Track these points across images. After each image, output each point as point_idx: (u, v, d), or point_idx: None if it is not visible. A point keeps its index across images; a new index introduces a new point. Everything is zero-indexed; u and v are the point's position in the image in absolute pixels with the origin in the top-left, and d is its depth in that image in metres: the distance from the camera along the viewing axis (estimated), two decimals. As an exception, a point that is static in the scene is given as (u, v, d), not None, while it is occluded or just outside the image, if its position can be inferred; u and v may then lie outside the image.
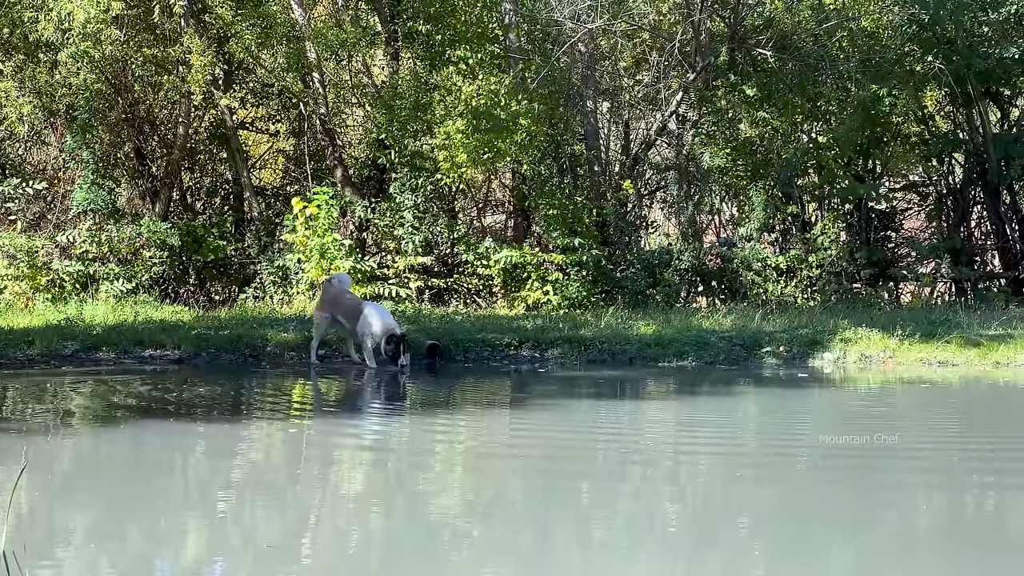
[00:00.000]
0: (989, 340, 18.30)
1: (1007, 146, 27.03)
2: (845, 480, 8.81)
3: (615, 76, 30.24)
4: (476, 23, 25.58)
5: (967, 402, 14.74)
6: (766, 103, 26.78)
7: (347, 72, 27.93)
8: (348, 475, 9.04)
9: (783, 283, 25.58)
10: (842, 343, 18.34)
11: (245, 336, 17.84)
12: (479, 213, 31.23)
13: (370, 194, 26.37)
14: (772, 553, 6.70)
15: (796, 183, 27.25)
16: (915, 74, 26.20)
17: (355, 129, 29.92)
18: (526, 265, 24.68)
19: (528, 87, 24.58)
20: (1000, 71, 25.81)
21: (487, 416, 12.73)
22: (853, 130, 25.92)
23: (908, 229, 30.54)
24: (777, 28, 26.42)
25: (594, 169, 26.98)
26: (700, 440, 11.02)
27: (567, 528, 7.22)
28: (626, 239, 26.17)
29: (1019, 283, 26.88)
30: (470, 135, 23.54)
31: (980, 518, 7.59)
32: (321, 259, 23.44)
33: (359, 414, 12.50)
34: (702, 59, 26.53)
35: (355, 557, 6.63)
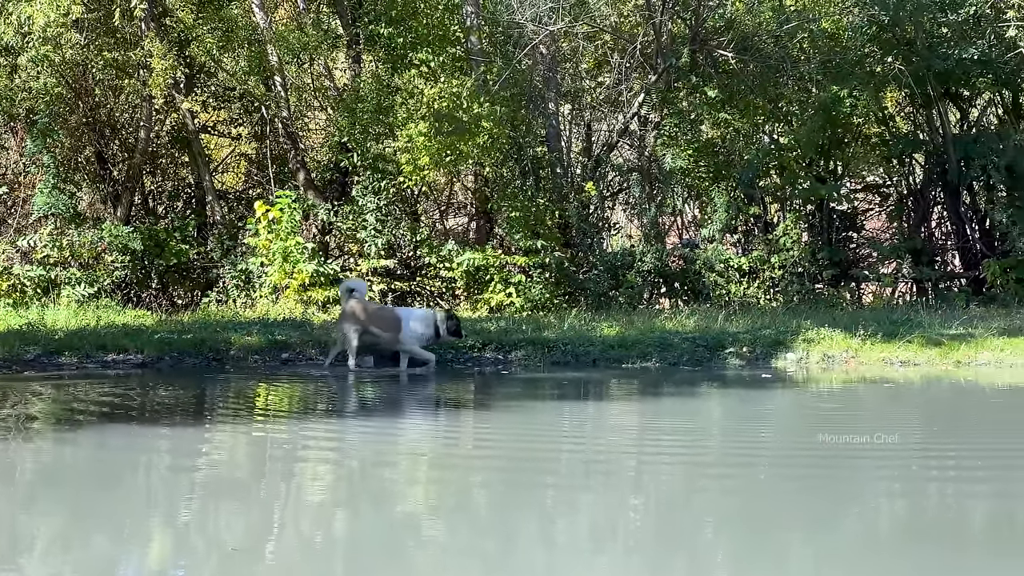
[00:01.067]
0: (950, 339, 18.38)
1: (967, 146, 27.15)
2: (809, 480, 8.83)
3: (577, 78, 30.28)
4: (438, 26, 25.59)
5: (929, 402, 14.82)
6: (727, 104, 26.84)
7: (309, 75, 27.91)
8: (312, 478, 9.03)
9: (746, 284, 25.67)
10: (805, 343, 18.40)
11: (208, 340, 17.81)
12: (442, 216, 31.25)
13: (333, 197, 26.37)
14: (737, 555, 6.72)
15: (758, 184, 27.33)
16: (875, 75, 26.31)
17: (317, 132, 29.92)
18: (489, 267, 24.70)
19: (490, 89, 24.59)
20: (959, 72, 25.92)
21: (451, 418, 12.75)
22: (814, 131, 26.00)
23: (869, 229, 30.66)
24: (738, 30, 26.49)
25: (556, 171, 26.99)
26: (664, 443, 11.04)
27: (531, 531, 7.22)
28: (589, 241, 26.19)
29: (980, 283, 27.00)
30: (432, 138, 23.56)
31: (940, 517, 7.63)
32: (284, 262, 23.46)
33: (322, 417, 12.48)
34: (663, 61, 26.58)
35: (320, 560, 6.63)
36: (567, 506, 7.93)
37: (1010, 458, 9.55)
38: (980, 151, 26.77)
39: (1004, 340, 18.17)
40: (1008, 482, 8.60)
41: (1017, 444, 10.52)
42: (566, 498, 8.21)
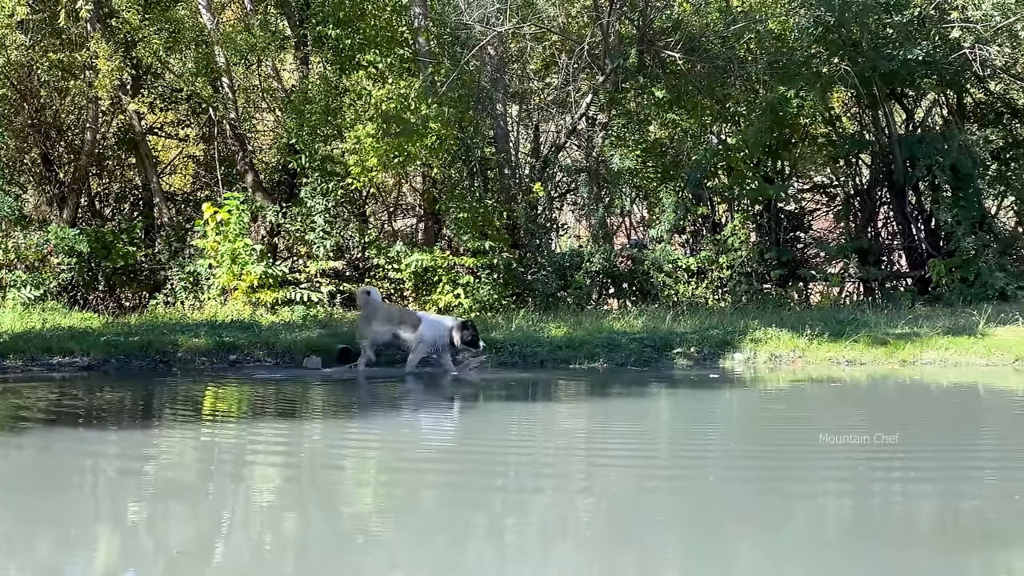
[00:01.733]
0: (896, 339, 18.52)
1: (912, 147, 27.32)
2: (757, 481, 8.87)
3: (525, 79, 30.28)
4: (385, 27, 25.57)
5: (876, 401, 14.90)
6: (675, 105, 26.90)
7: (257, 77, 27.87)
8: (260, 481, 9.01)
9: (694, 284, 25.75)
10: (752, 343, 18.50)
11: (155, 342, 17.75)
12: (390, 217, 31.21)
13: (281, 199, 26.32)
14: (687, 555, 6.75)
15: (706, 184, 27.42)
16: (822, 76, 26.42)
17: (265, 134, 29.84)
18: (437, 268, 24.69)
19: (438, 91, 24.57)
20: (904, 72, 26.05)
21: (399, 420, 12.74)
22: (762, 131, 26.09)
23: (817, 230, 30.82)
24: (685, 30, 26.56)
25: (504, 172, 27.00)
26: (613, 444, 11.07)
27: (481, 533, 7.23)
28: (536, 242, 26.22)
29: (925, 282, 27.17)
30: (380, 139, 23.54)
31: (888, 517, 7.68)
32: (232, 264, 23.40)
33: (269, 420, 12.45)
34: (611, 61, 26.61)
35: (268, 561, 6.62)
36: (517, 508, 7.94)
37: (956, 457, 9.63)
38: (925, 151, 26.94)
39: (949, 339, 18.33)
40: (954, 480, 8.66)
41: (962, 442, 10.60)
42: (515, 500, 8.21)
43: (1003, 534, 7.06)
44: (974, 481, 8.69)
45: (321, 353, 17.74)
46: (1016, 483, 8.63)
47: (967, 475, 8.92)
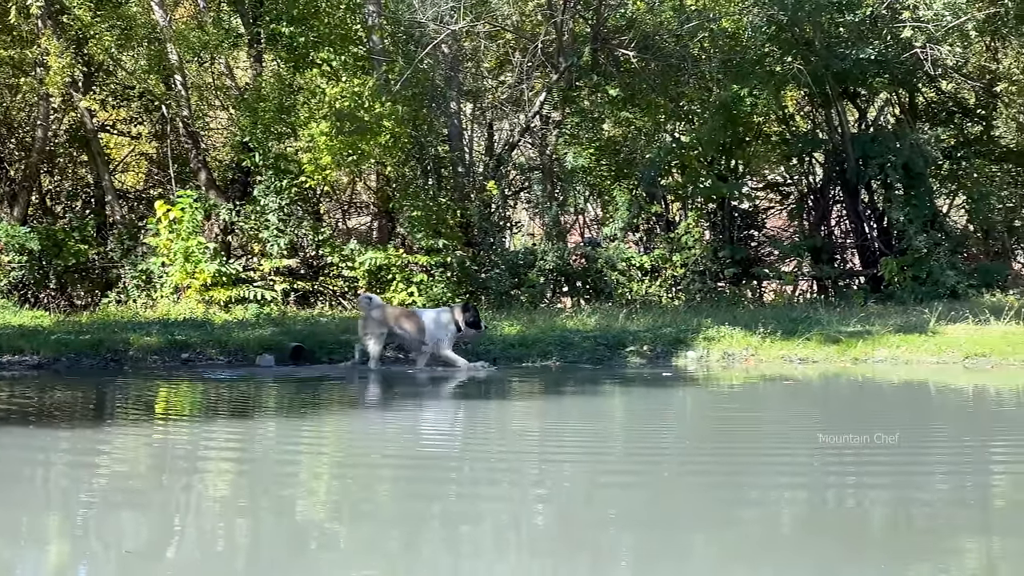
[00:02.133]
0: (848, 337, 18.61)
1: (864, 146, 27.44)
2: (711, 480, 8.89)
3: (478, 77, 30.28)
4: (339, 25, 25.55)
5: (828, 399, 14.96)
6: (629, 103, 27.00)
7: (210, 74, 27.77)
8: (213, 480, 8.97)
9: (647, 282, 25.80)
10: (705, 341, 18.56)
11: (106, 340, 17.67)
12: (344, 215, 31.20)
13: (235, 197, 26.25)
14: (640, 554, 6.76)
15: (660, 183, 27.50)
16: (775, 74, 26.50)
17: (219, 132, 29.77)
18: (391, 267, 24.68)
19: (392, 89, 24.55)
20: (857, 72, 26.18)
21: (353, 419, 12.71)
22: (715, 130, 26.18)
23: (770, 228, 30.95)
24: (639, 29, 26.60)
25: (458, 170, 27.01)
26: (566, 442, 11.06)
27: (435, 533, 7.21)
28: (490, 240, 26.23)
29: (878, 280, 27.29)
30: (334, 137, 23.52)
31: (840, 515, 7.70)
32: (185, 262, 23.35)
33: (221, 419, 12.40)
34: (565, 60, 26.65)
35: (221, 560, 6.59)
36: (470, 507, 7.93)
37: (908, 455, 9.66)
38: (878, 150, 27.07)
39: (900, 337, 18.44)
40: (907, 478, 8.69)
41: (914, 441, 10.64)
42: (469, 499, 8.20)
43: (954, 533, 7.09)
44: (926, 478, 8.73)
45: (274, 351, 17.69)
46: (967, 481, 8.67)
47: (919, 473, 8.95)
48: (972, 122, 30.76)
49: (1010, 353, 17.62)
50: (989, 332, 18.74)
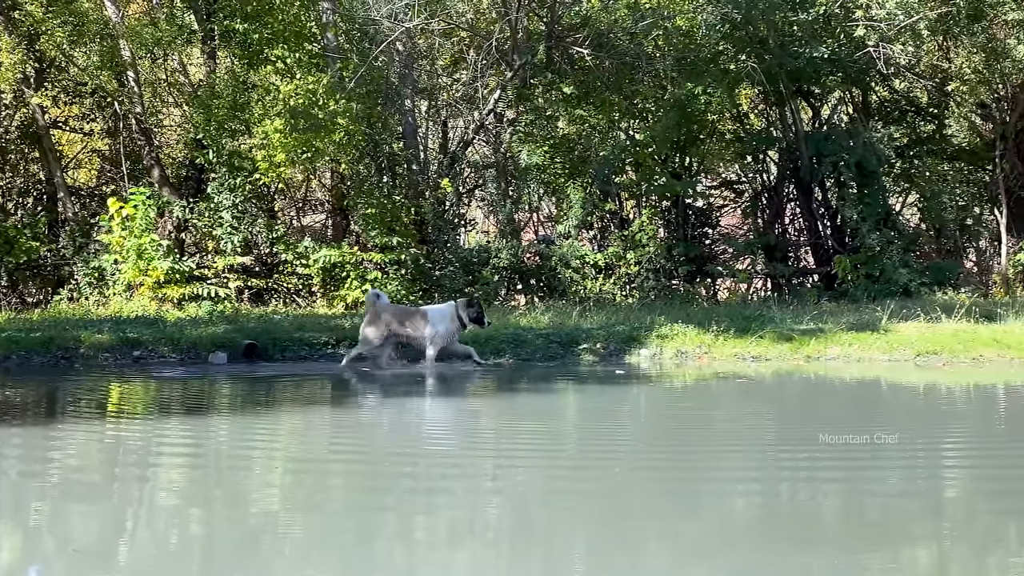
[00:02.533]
0: (801, 335, 18.65)
1: (818, 144, 27.53)
2: (663, 477, 8.90)
3: (433, 75, 30.24)
4: (294, 22, 25.49)
5: (781, 397, 15.00)
6: (583, 101, 27.00)
7: (163, 71, 27.66)
8: (166, 478, 8.94)
9: (601, 280, 25.85)
10: (658, 339, 18.57)
11: (57, 338, 17.58)
12: (298, 213, 31.13)
13: (188, 194, 26.16)
14: (593, 552, 6.76)
15: (614, 180, 27.52)
16: (729, 73, 26.54)
17: (172, 129, 29.63)
18: (345, 264, 24.66)
19: (346, 86, 24.51)
20: (810, 70, 26.27)
21: (306, 417, 12.68)
22: (669, 128, 26.22)
23: (724, 226, 31.02)
24: (594, 27, 26.60)
25: (412, 168, 26.99)
26: (519, 440, 11.07)
27: (389, 531, 7.21)
28: (444, 237, 26.22)
29: (831, 278, 27.37)
30: (288, 134, 23.46)
31: (793, 513, 7.72)
32: (138, 260, 23.27)
33: (175, 416, 12.35)
34: (519, 57, 26.63)
35: (174, 558, 6.56)
36: (424, 505, 7.93)
37: (860, 452, 9.70)
38: (831, 148, 27.16)
39: (852, 335, 18.51)
40: (859, 474, 8.74)
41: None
42: (423, 497, 8.20)
43: (906, 529, 7.13)
44: (878, 474, 8.77)
45: (227, 349, 17.64)
46: (918, 478, 8.73)
47: (872, 469, 8.99)
48: (924, 121, 30.91)
49: (961, 351, 17.71)
50: (940, 330, 18.81)
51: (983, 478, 8.73)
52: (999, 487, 8.34)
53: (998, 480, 8.60)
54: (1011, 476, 8.67)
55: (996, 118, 29.19)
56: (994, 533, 7.05)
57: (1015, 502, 7.82)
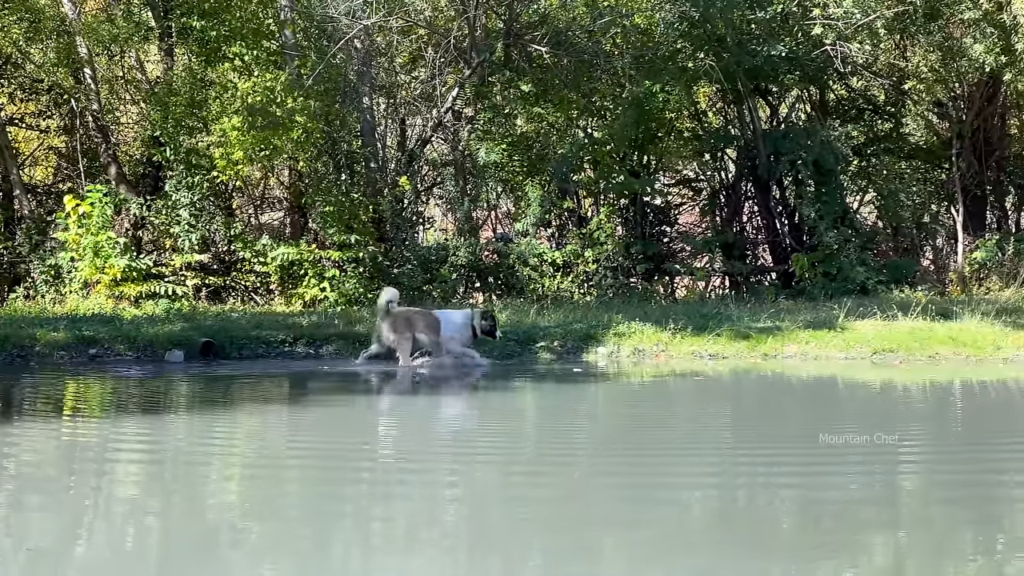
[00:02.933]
0: (758, 333, 18.70)
1: (776, 142, 27.59)
2: (621, 483, 8.91)
3: (391, 73, 30.19)
4: (251, 19, 25.42)
5: (737, 395, 15.05)
6: (542, 99, 27.02)
7: (120, 68, 27.56)
8: (122, 477, 8.91)
9: (559, 278, 25.83)
10: (616, 337, 18.59)
11: (13, 336, 17.48)
12: (256, 210, 31.03)
13: (145, 192, 26.07)
14: (550, 553, 6.77)
15: (572, 178, 27.53)
16: (687, 71, 26.58)
17: (130, 126, 29.51)
18: (303, 262, 24.59)
19: (304, 84, 24.44)
20: (768, 68, 26.34)
21: (263, 416, 12.65)
22: (628, 126, 26.24)
23: (683, 224, 31.10)
24: (552, 24, 26.62)
25: (371, 166, 26.95)
26: (478, 439, 11.08)
27: (345, 531, 7.20)
28: (402, 235, 26.19)
29: (789, 276, 27.46)
30: (246, 132, 23.40)
31: (751, 515, 7.74)
32: (95, 257, 23.16)
33: (131, 415, 12.31)
34: (478, 55, 26.61)
35: (129, 560, 6.54)
36: (381, 506, 7.92)
37: (817, 452, 9.73)
38: (789, 147, 27.21)
39: (810, 333, 18.57)
40: (817, 477, 8.77)
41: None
42: (381, 498, 8.19)
43: (862, 529, 7.15)
44: (837, 477, 8.80)
45: (184, 347, 17.59)
46: (876, 478, 8.76)
47: (829, 471, 9.02)
48: (882, 119, 31.05)
49: (917, 349, 17.80)
50: (897, 328, 18.89)
51: (940, 484, 8.77)
52: (956, 494, 8.38)
53: (954, 486, 8.65)
54: (968, 482, 8.70)
55: (952, 117, 29.34)
56: (950, 537, 7.09)
57: (971, 505, 7.86)
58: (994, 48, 24.61)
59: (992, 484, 8.54)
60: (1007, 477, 8.82)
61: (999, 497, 8.10)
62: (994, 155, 29.76)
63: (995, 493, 8.22)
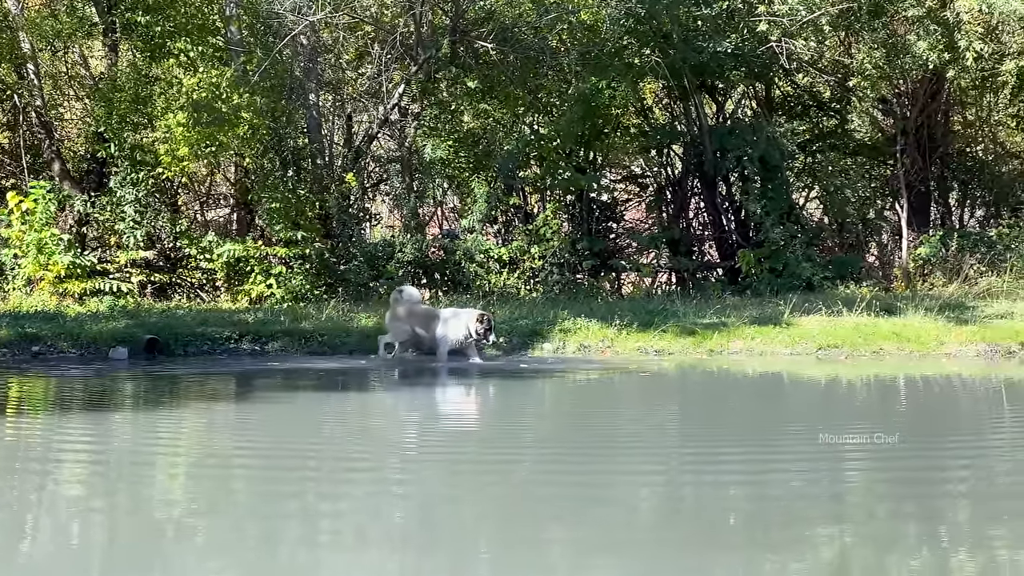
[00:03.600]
0: (704, 329, 18.76)
1: (722, 138, 27.64)
2: (565, 477, 8.92)
3: (338, 69, 30.12)
4: (196, 15, 25.34)
5: (682, 391, 15.10)
6: (488, 95, 27.05)
7: (64, 63, 27.40)
8: (67, 477, 8.85)
9: (506, 274, 25.83)
10: (562, 333, 18.64)
11: (-46, 334, 17.40)
12: (202, 207, 30.91)
13: (90, 188, 25.91)
14: (497, 551, 6.76)
15: (518, 174, 27.53)
16: (633, 67, 26.59)
17: (73, 122, 29.34)
18: (249, 259, 24.53)
19: (250, 80, 24.34)
20: (714, 65, 26.39)
21: (208, 413, 12.60)
22: (574, 122, 26.25)
23: (629, 220, 31.12)
24: (498, 21, 26.59)
25: (317, 162, 26.89)
26: (424, 438, 11.08)
27: (291, 530, 7.17)
28: (349, 232, 26.13)
29: (735, 272, 27.52)
30: (191, 128, 23.32)
31: (696, 514, 7.75)
32: (38, 254, 23.04)
33: (74, 413, 12.24)
34: (424, 52, 26.57)
35: (75, 557, 6.50)
36: (328, 505, 7.90)
37: (763, 449, 9.77)
38: (735, 143, 27.27)
39: (755, 329, 18.66)
40: (762, 474, 8.80)
41: (768, 434, 10.77)
42: (328, 497, 8.17)
43: (808, 526, 7.19)
44: (782, 474, 8.84)
45: (128, 344, 17.50)
46: (821, 475, 8.80)
47: (774, 467, 9.06)
48: (827, 116, 31.15)
49: (861, 344, 17.90)
50: (842, 323, 19.00)
51: (883, 479, 8.82)
52: (899, 490, 8.43)
53: (897, 482, 8.70)
54: (911, 479, 8.75)
55: (897, 113, 29.51)
56: (893, 531, 7.12)
57: (914, 500, 7.91)
58: (937, 45, 24.72)
59: (935, 481, 8.59)
60: (950, 473, 8.88)
61: (942, 493, 8.16)
62: (938, 151, 29.93)
63: (937, 490, 8.27)
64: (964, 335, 18.14)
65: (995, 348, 17.74)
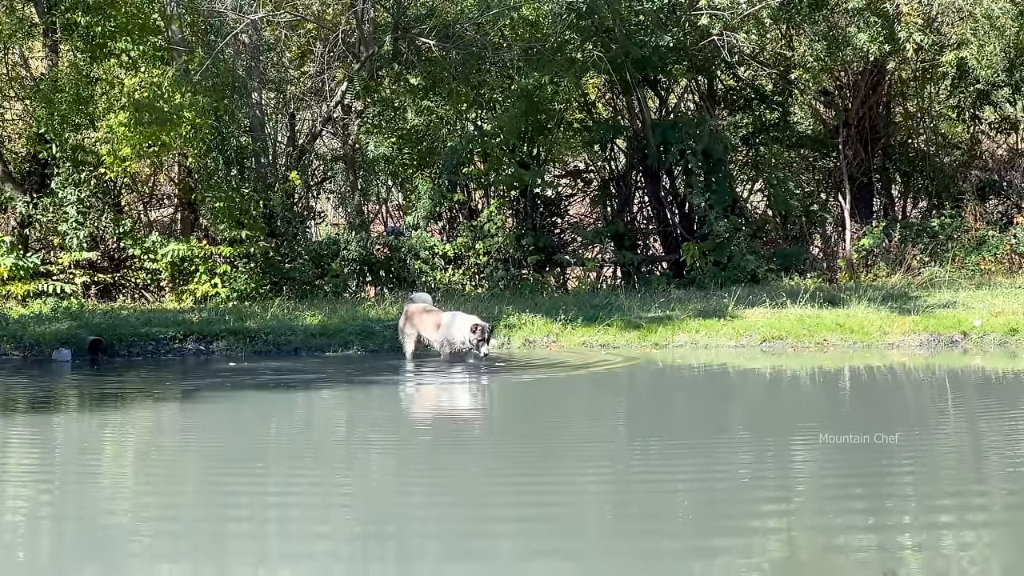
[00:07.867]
0: (649, 322, 18.84)
1: (665, 132, 27.68)
2: (516, 472, 8.95)
3: (280, 68, 30.04)
4: (137, 14, 25.13)
5: (627, 386, 15.17)
6: (431, 92, 27.02)
7: (3, 64, 27.22)
8: (11, 477, 8.82)
9: (451, 271, 25.83)
10: (507, 329, 18.70)
11: None
12: (146, 207, 30.76)
13: (32, 189, 25.74)
14: (446, 545, 6.79)
15: (462, 171, 27.50)
16: (576, 62, 26.61)
17: (14, 123, 29.16)
18: (194, 258, 24.45)
19: (192, 79, 24.25)
20: (656, 59, 26.41)
21: (149, 412, 12.58)
22: (517, 118, 26.26)
23: (573, 215, 31.11)
24: (440, 18, 26.55)
25: (261, 161, 26.80)
26: (370, 437, 11.09)
27: (239, 525, 7.19)
28: (293, 230, 26.07)
29: (680, 266, 27.57)
30: (133, 128, 23.17)
31: (645, 509, 7.79)
32: (-19, 256, 22.91)
33: (16, 416, 12.19)
34: (366, 49, 26.53)
35: (22, 557, 6.48)
36: (277, 500, 7.91)
37: (710, 442, 9.83)
38: (678, 137, 27.32)
39: (700, 322, 18.75)
40: (709, 467, 8.86)
41: (714, 427, 10.83)
42: (276, 493, 8.18)
43: (757, 518, 7.25)
44: (729, 465, 8.90)
45: (71, 346, 17.44)
46: (767, 468, 8.87)
47: (721, 459, 9.12)
48: (769, 109, 31.19)
49: (805, 335, 18.02)
50: (786, 315, 19.11)
51: (830, 470, 8.89)
52: (846, 479, 8.51)
53: (844, 472, 8.78)
54: (859, 470, 8.83)
55: (839, 105, 29.65)
56: (840, 518, 7.20)
57: (860, 488, 7.99)
58: (878, 37, 24.87)
59: (882, 472, 8.67)
60: (895, 461, 8.97)
61: (889, 481, 8.24)
62: (880, 143, 30.07)
63: (884, 480, 8.35)
64: (907, 325, 18.29)
65: (938, 337, 17.89)
